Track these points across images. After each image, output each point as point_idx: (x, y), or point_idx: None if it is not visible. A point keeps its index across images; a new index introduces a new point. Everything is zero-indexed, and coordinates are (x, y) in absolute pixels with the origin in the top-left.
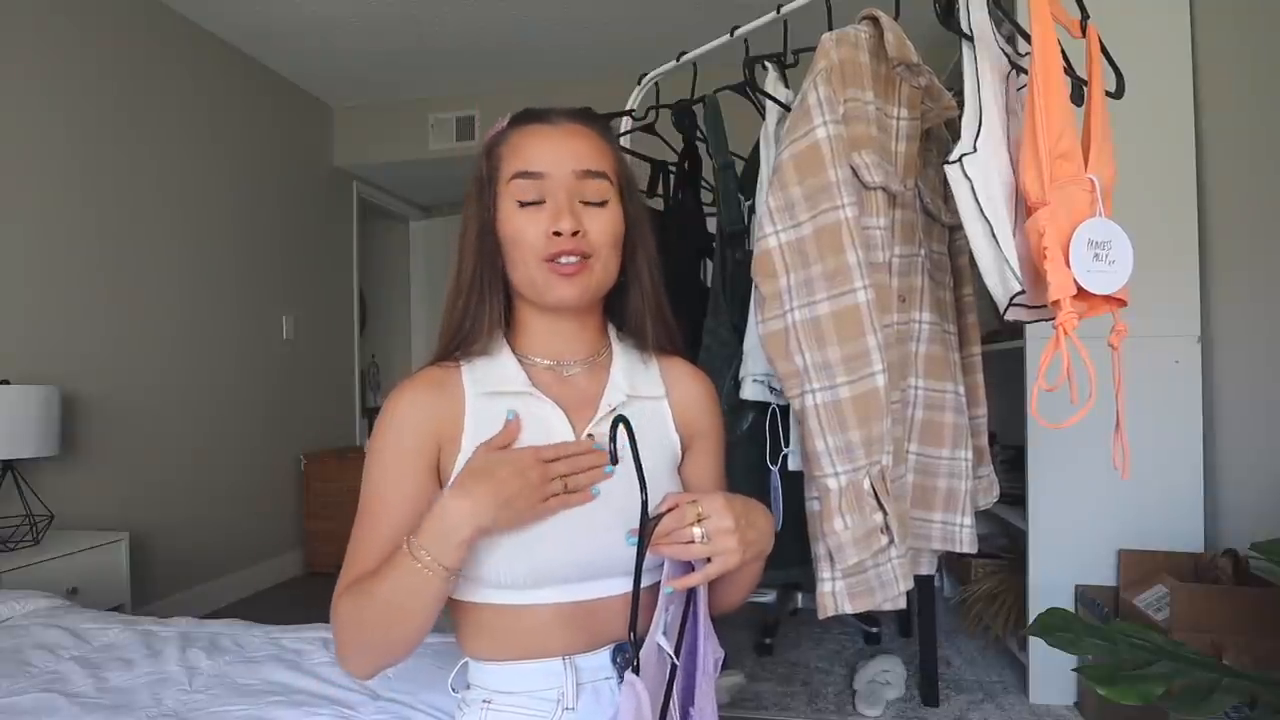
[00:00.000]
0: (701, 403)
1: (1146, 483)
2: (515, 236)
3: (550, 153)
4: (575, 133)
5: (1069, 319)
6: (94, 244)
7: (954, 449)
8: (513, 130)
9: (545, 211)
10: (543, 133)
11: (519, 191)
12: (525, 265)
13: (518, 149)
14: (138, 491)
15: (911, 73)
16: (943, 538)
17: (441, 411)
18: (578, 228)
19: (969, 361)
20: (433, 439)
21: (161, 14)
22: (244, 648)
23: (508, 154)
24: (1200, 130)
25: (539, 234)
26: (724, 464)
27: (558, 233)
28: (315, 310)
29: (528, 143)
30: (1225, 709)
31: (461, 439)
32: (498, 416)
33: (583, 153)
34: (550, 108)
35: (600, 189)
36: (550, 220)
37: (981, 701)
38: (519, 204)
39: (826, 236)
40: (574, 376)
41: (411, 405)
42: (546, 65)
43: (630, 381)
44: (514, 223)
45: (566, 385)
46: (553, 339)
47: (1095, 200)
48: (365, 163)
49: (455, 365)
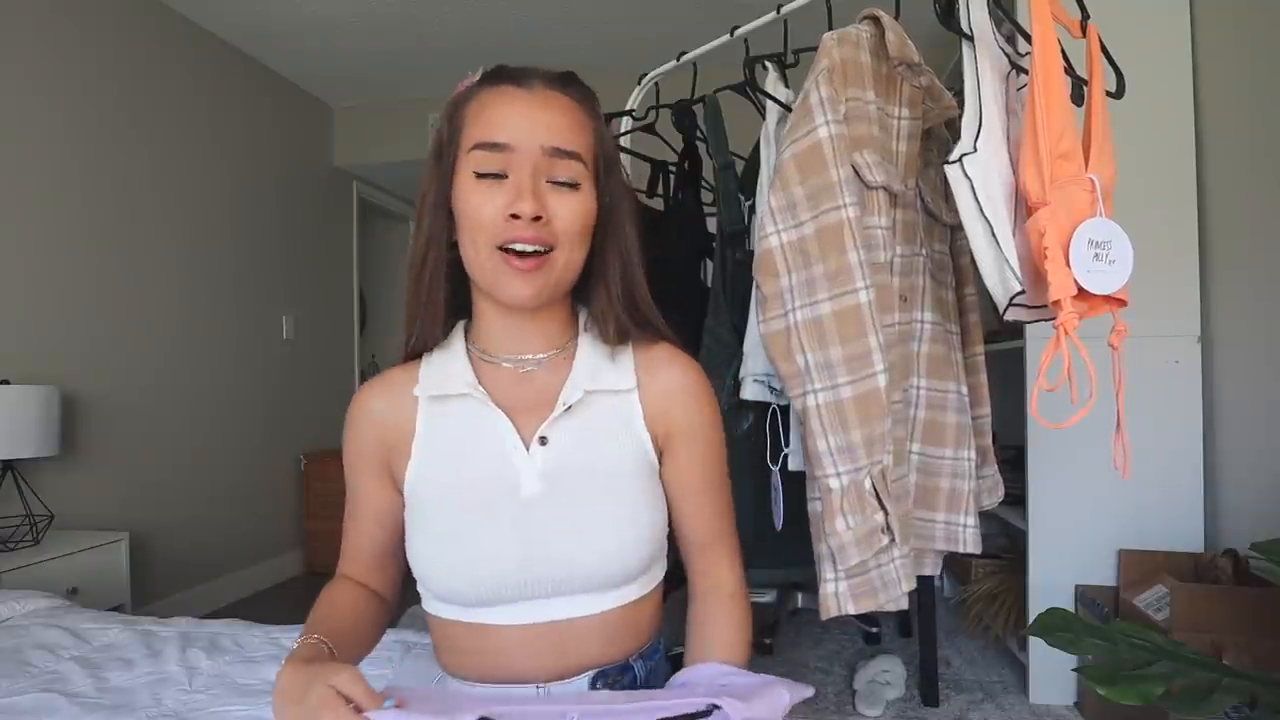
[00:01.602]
0: (680, 397)
1: (1146, 483)
2: (469, 214)
3: (519, 122)
4: (551, 102)
5: (1069, 319)
6: (94, 244)
7: (957, 449)
8: (482, 89)
9: (505, 189)
10: (513, 97)
11: (478, 162)
12: (476, 249)
13: (483, 113)
14: (138, 491)
15: (912, 72)
16: (946, 538)
17: (389, 419)
18: (540, 212)
19: (972, 361)
20: (381, 446)
21: (161, 14)
22: (244, 648)
23: (471, 117)
24: (1200, 130)
25: (495, 213)
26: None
27: (516, 215)
28: (315, 310)
29: (495, 108)
30: (1225, 709)
31: (411, 445)
32: (446, 420)
33: (557, 126)
34: (528, 67)
35: (571, 169)
36: (509, 199)
37: (981, 701)
38: (476, 175)
39: (828, 236)
40: (533, 374)
41: (362, 412)
42: (546, 65)
43: (592, 375)
44: (470, 199)
45: (524, 384)
46: (510, 333)
47: (1095, 200)
48: (365, 163)
49: (416, 364)
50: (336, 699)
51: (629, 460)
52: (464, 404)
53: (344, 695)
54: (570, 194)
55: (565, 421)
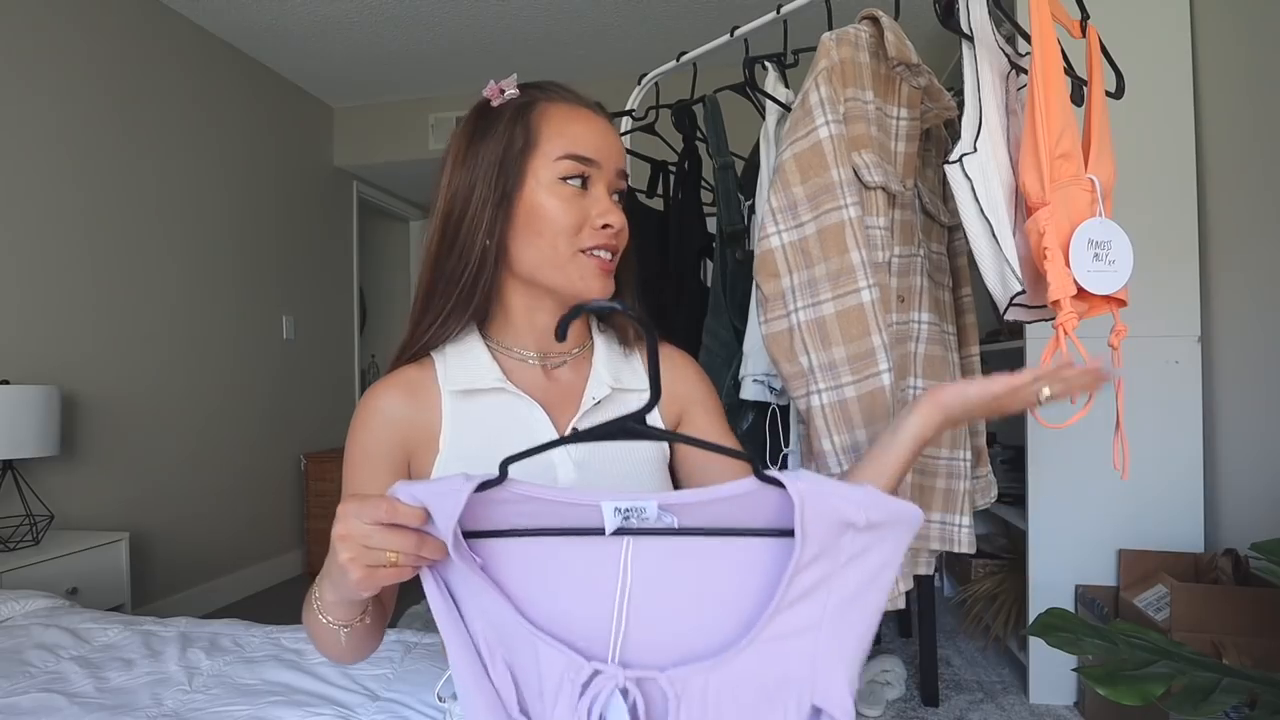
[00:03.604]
0: (686, 381)
1: (1146, 483)
2: (552, 217)
3: (602, 142)
4: (613, 129)
5: (1069, 319)
6: (94, 244)
7: (953, 449)
8: (552, 104)
9: (588, 199)
10: (592, 118)
11: (566, 170)
12: (555, 249)
13: (567, 127)
14: (138, 491)
15: (911, 72)
16: (941, 538)
17: (414, 417)
18: (622, 225)
19: (968, 362)
20: (400, 447)
21: (161, 14)
22: (244, 648)
23: (552, 128)
24: (1200, 130)
25: (578, 219)
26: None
27: (607, 225)
28: (315, 310)
29: (581, 124)
30: (1225, 709)
31: (439, 441)
32: (475, 414)
33: (620, 151)
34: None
35: (623, 187)
36: (599, 211)
37: (981, 701)
38: (562, 180)
39: (830, 236)
40: (559, 371)
41: (380, 411)
42: (547, 65)
43: (614, 374)
44: (551, 202)
45: (548, 380)
46: (543, 332)
47: (1095, 200)
48: (365, 163)
49: (428, 361)
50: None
51: (651, 449)
52: (494, 398)
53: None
54: (620, 209)
55: (594, 416)
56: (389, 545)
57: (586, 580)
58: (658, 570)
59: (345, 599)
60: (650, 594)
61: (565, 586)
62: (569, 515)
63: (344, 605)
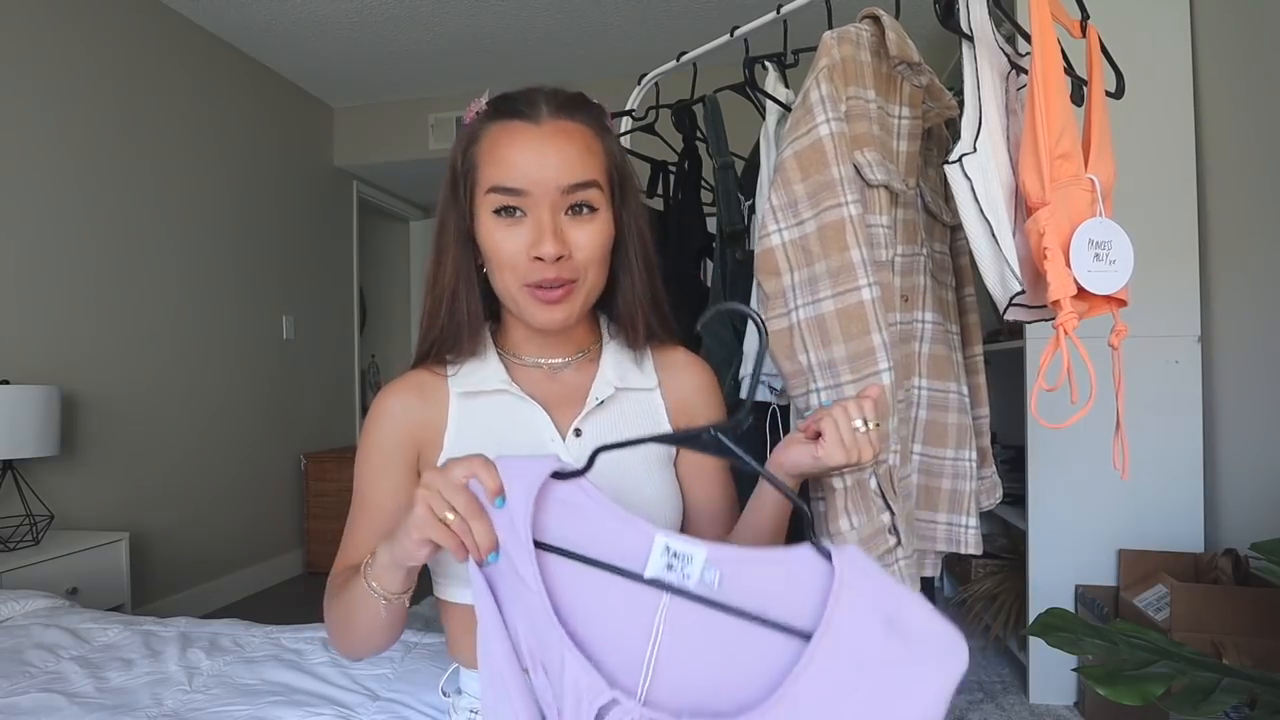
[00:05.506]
0: (699, 393)
1: (1146, 483)
2: (493, 251)
3: (534, 164)
4: (561, 134)
5: (1069, 319)
6: (94, 244)
7: (958, 449)
8: (492, 123)
9: (526, 226)
10: (524, 135)
11: (496, 203)
12: (505, 283)
13: (495, 153)
14: (137, 491)
15: (913, 71)
16: (947, 539)
17: (422, 416)
18: (562, 251)
19: (971, 362)
20: (411, 443)
21: (161, 14)
22: (244, 648)
23: (485, 157)
24: (1200, 130)
25: (517, 251)
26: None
27: (539, 258)
28: (315, 310)
29: (508, 149)
30: (1225, 709)
31: (444, 439)
32: (479, 414)
33: (569, 161)
34: (536, 96)
35: (588, 197)
36: (532, 239)
37: (981, 701)
38: (495, 213)
39: (830, 233)
40: (563, 372)
41: (392, 409)
42: (546, 65)
43: (620, 374)
44: (492, 235)
45: (554, 382)
46: (539, 340)
47: (1095, 200)
48: (365, 163)
49: (442, 368)
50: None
51: (656, 449)
52: (498, 399)
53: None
54: (589, 222)
55: (597, 415)
56: (455, 500)
57: (625, 616)
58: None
59: (396, 561)
60: (680, 649)
61: (600, 614)
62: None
63: (392, 570)
